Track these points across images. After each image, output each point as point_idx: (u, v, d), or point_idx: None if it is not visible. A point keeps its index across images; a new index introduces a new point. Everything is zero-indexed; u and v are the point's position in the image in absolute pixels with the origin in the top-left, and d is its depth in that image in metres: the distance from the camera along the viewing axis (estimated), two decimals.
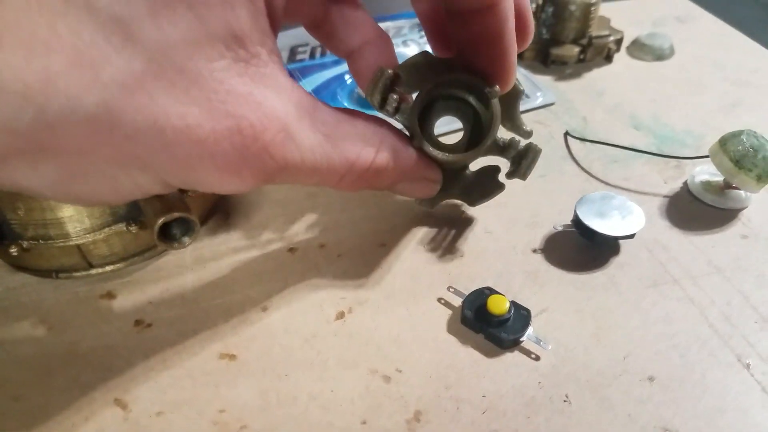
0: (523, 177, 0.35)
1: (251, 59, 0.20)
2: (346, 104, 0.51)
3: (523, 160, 0.34)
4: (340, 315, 0.34)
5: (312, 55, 0.57)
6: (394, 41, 0.59)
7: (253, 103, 0.20)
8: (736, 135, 0.40)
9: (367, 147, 0.26)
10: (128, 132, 0.18)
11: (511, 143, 0.34)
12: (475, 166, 0.36)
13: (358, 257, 0.37)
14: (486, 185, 0.37)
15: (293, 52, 0.58)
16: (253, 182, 0.22)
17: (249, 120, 0.20)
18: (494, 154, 0.34)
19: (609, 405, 0.30)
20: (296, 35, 0.60)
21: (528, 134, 0.34)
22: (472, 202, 0.37)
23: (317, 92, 0.52)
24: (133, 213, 0.34)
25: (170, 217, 0.30)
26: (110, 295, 0.35)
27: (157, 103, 0.18)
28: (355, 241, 0.39)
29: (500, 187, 0.37)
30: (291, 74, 0.55)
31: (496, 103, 0.32)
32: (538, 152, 0.34)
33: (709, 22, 0.64)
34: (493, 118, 0.32)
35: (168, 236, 0.31)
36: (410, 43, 0.58)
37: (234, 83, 0.20)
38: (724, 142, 0.40)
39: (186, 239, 0.31)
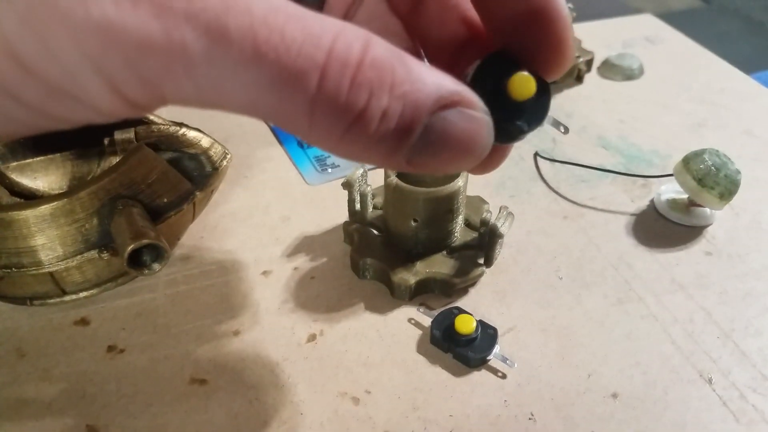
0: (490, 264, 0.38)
1: None
2: None
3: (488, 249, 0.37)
4: (312, 338, 0.35)
5: None
6: None
7: None
8: (699, 154, 0.41)
9: (347, 30, 0.15)
10: None
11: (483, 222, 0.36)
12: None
13: (330, 279, 0.38)
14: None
15: None
16: (159, 24, 0.13)
17: None
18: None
19: (573, 423, 0.31)
20: None
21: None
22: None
23: None
24: (105, 240, 0.34)
25: (140, 243, 0.31)
26: (84, 322, 0.36)
27: None
28: (328, 264, 0.39)
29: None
30: None
31: None
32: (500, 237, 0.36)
33: (678, 42, 0.65)
34: None
35: (138, 263, 0.32)
36: None
37: None
38: (687, 161, 0.41)
39: (156, 266, 0.32)
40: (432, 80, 0.16)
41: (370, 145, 0.15)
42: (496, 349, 0.33)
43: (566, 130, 0.30)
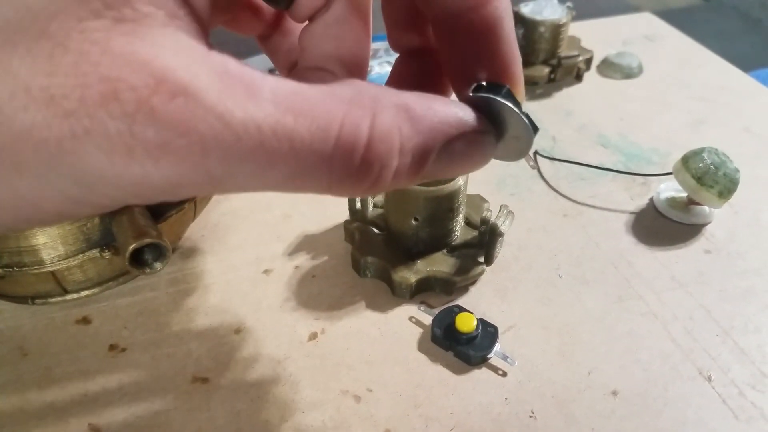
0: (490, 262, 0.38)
1: (142, 19, 0.16)
2: None
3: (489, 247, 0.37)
4: (313, 336, 0.35)
5: None
6: (370, 62, 0.60)
7: (137, 63, 0.15)
8: (697, 153, 0.41)
9: (353, 108, 0.17)
10: None
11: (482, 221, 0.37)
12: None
13: (331, 278, 0.38)
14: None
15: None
16: (169, 167, 0.16)
17: (129, 82, 0.15)
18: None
19: (573, 420, 0.31)
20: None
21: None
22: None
23: None
24: (106, 239, 0.34)
25: (141, 243, 0.31)
26: (86, 320, 0.36)
27: (13, 76, 0.15)
28: (329, 262, 0.39)
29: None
30: None
31: None
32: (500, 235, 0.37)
33: (677, 40, 0.65)
34: None
35: (140, 262, 0.32)
36: (386, 65, 0.60)
37: (114, 44, 0.15)
38: (686, 160, 0.41)
39: (158, 264, 0.32)
40: (437, 120, 0.18)
41: (384, 188, 0.18)
42: (497, 347, 0.33)
43: (535, 167, 0.31)
